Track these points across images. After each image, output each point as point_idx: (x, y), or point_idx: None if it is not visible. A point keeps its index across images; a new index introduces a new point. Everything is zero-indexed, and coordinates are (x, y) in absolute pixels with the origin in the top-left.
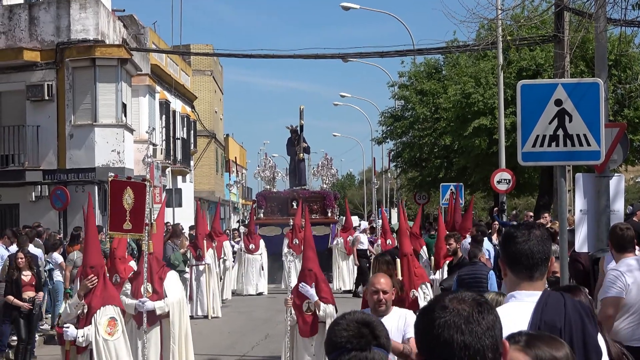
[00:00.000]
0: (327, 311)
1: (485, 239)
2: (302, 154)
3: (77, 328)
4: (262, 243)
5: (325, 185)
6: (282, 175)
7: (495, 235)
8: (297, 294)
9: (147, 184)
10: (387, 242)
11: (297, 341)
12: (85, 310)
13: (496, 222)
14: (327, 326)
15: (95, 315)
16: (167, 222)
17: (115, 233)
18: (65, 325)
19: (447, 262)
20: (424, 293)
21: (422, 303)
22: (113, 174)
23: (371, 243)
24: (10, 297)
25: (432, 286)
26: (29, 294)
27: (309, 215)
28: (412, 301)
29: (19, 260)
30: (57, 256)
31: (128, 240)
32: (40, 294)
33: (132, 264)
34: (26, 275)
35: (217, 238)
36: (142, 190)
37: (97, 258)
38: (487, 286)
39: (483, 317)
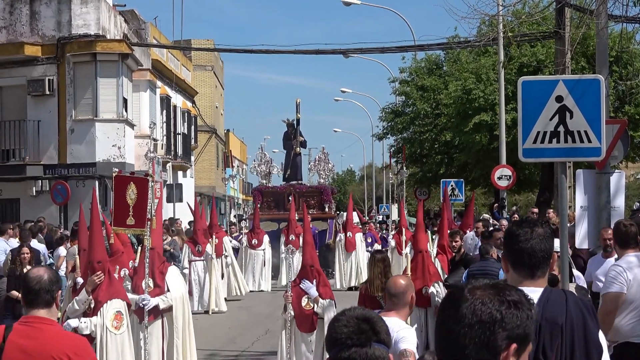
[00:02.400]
0: (325, 306)
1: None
2: (298, 148)
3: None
4: (266, 239)
5: (322, 180)
6: (278, 169)
7: None
8: (296, 289)
9: (150, 179)
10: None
11: (295, 336)
12: (92, 305)
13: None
14: (326, 322)
15: (102, 309)
16: (170, 218)
17: (119, 228)
18: (67, 321)
19: (450, 258)
20: (436, 291)
21: (436, 301)
22: (117, 169)
23: (383, 239)
24: (15, 293)
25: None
26: None
27: (306, 210)
28: (425, 298)
29: (25, 255)
30: (62, 250)
31: (129, 235)
32: None
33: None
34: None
35: (215, 234)
36: (145, 185)
37: (103, 253)
38: None
39: (482, 309)
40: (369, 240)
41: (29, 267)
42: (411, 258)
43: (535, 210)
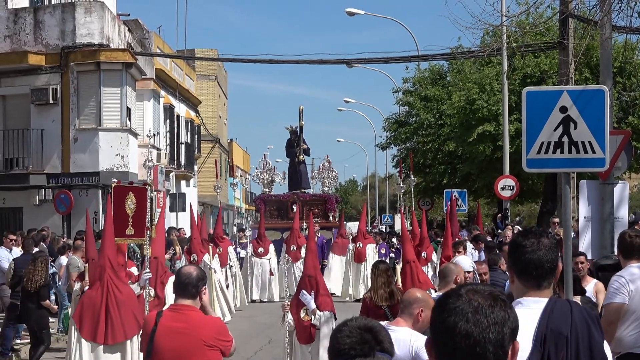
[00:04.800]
0: (323, 319)
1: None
2: (302, 156)
3: None
4: (271, 247)
5: (326, 189)
6: (280, 178)
7: None
8: (296, 300)
9: (149, 188)
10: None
11: (295, 347)
12: None
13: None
14: (323, 333)
15: None
16: (172, 227)
17: (119, 239)
18: None
19: None
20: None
21: None
22: (116, 180)
23: (396, 250)
24: (48, 302)
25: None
26: None
27: (312, 219)
28: None
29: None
30: (64, 259)
31: (132, 245)
32: None
33: (134, 269)
34: None
35: (220, 243)
36: (144, 195)
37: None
38: None
39: (492, 311)
40: (383, 251)
41: None
42: (400, 269)
43: (557, 220)
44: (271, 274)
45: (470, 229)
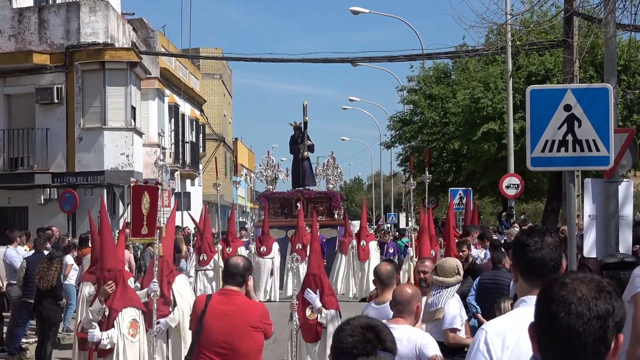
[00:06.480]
0: (329, 317)
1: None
2: (306, 152)
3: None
4: (275, 246)
5: (331, 186)
6: (284, 175)
7: None
8: (301, 299)
9: (160, 187)
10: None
11: (300, 345)
12: (107, 314)
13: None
14: (329, 332)
15: (117, 317)
16: (176, 226)
17: (135, 239)
18: (89, 330)
19: None
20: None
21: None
22: (134, 179)
23: (403, 247)
24: (64, 301)
25: None
26: None
27: (315, 217)
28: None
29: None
30: (69, 258)
31: (136, 244)
32: None
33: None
34: None
35: (232, 243)
36: (155, 194)
37: (114, 262)
38: (508, 292)
39: (596, 304)
40: (391, 250)
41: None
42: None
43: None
44: (271, 273)
45: (467, 229)
